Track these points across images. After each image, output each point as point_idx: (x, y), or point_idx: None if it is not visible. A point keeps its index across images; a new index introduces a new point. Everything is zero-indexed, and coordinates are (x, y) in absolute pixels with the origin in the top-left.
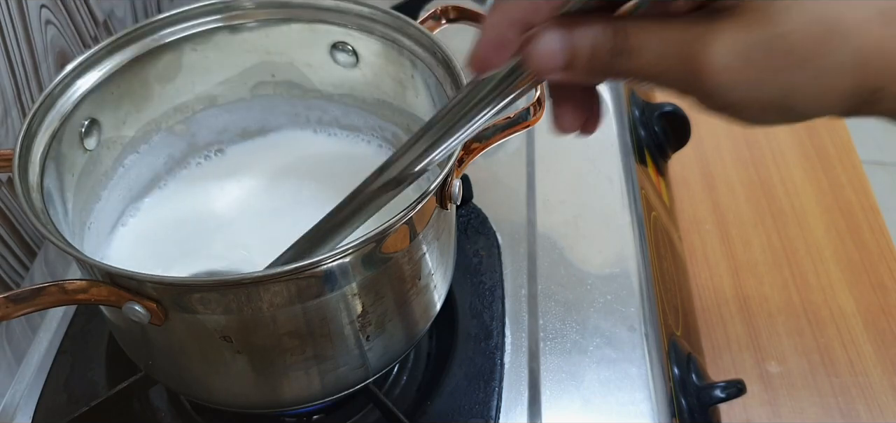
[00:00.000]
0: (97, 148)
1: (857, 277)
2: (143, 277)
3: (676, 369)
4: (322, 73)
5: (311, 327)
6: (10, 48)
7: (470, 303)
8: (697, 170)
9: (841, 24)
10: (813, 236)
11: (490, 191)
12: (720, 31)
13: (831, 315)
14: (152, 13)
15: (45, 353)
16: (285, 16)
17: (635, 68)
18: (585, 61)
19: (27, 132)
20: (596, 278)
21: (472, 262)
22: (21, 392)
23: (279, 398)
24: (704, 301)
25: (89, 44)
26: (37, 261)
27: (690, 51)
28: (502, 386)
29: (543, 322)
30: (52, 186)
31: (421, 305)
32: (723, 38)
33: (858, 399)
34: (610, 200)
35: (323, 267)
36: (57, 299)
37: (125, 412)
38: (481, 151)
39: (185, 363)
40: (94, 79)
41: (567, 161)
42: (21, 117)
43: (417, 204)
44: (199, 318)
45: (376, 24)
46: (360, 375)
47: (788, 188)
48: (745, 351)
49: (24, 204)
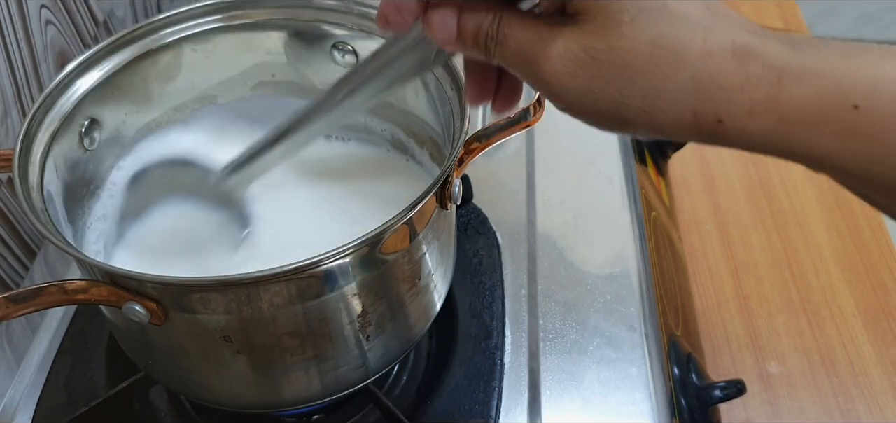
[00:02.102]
0: (97, 148)
1: (857, 277)
2: (143, 277)
3: (676, 369)
4: (322, 73)
5: (311, 327)
6: (10, 48)
7: (470, 303)
8: (697, 170)
9: (680, 51)
10: (813, 236)
11: (490, 191)
12: (560, 36)
13: (831, 315)
14: (152, 13)
15: (45, 353)
16: (285, 16)
17: (501, 56)
18: (471, 39)
19: (27, 132)
20: (596, 278)
21: (472, 262)
22: (21, 392)
23: (279, 398)
24: (704, 301)
25: (89, 44)
26: (37, 261)
27: (534, 50)
28: (502, 386)
29: (543, 322)
30: (52, 186)
31: (421, 305)
32: (560, 42)
33: (858, 399)
34: (610, 200)
35: (323, 267)
36: (57, 299)
37: (125, 412)
38: (481, 151)
39: (185, 363)
40: (94, 79)
41: (567, 161)
42: (21, 117)
43: (417, 204)
44: (199, 318)
45: (376, 24)
46: (360, 375)
47: (788, 188)
48: (745, 351)
49: (24, 204)
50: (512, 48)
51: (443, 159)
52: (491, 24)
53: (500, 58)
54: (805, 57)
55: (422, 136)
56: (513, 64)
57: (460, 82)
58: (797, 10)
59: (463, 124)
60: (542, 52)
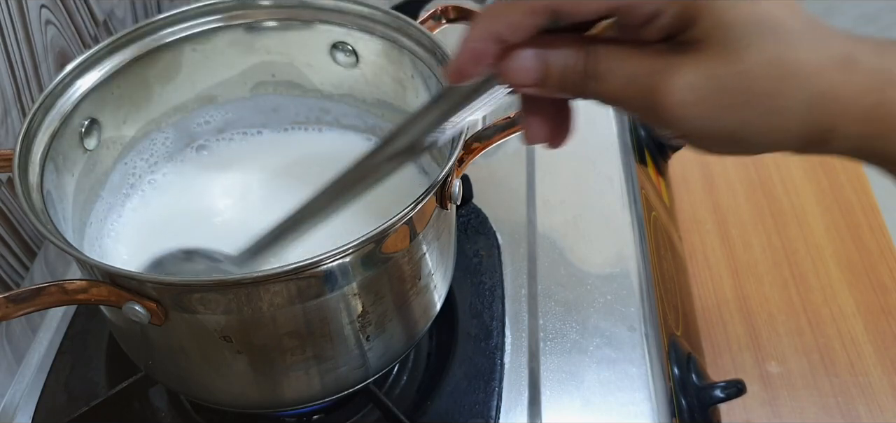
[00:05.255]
0: (97, 148)
1: (857, 277)
2: (143, 277)
3: (676, 369)
4: (322, 73)
5: (311, 327)
6: (10, 48)
7: (470, 303)
8: (697, 170)
9: (798, 68)
10: (813, 236)
11: (490, 191)
12: (681, 66)
13: (831, 315)
14: (152, 13)
15: (45, 353)
16: (285, 16)
17: (602, 92)
18: (557, 80)
19: (27, 132)
20: (596, 278)
21: (472, 262)
22: (21, 392)
23: (279, 397)
24: (704, 301)
25: (89, 44)
26: (37, 261)
27: (652, 83)
28: (502, 386)
29: (543, 322)
30: (52, 186)
31: (421, 305)
32: (683, 73)
33: (858, 399)
34: (610, 200)
35: (323, 267)
36: (57, 299)
37: (125, 412)
38: (481, 151)
39: (185, 363)
40: (94, 79)
41: (567, 161)
42: (21, 117)
43: (417, 204)
44: (199, 318)
45: (376, 24)
46: (360, 375)
47: (788, 188)
48: (745, 351)
49: (24, 204)
50: (617, 84)
51: (443, 159)
52: (585, 62)
53: (602, 95)
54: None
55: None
56: (618, 99)
57: None
58: None
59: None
60: (664, 84)
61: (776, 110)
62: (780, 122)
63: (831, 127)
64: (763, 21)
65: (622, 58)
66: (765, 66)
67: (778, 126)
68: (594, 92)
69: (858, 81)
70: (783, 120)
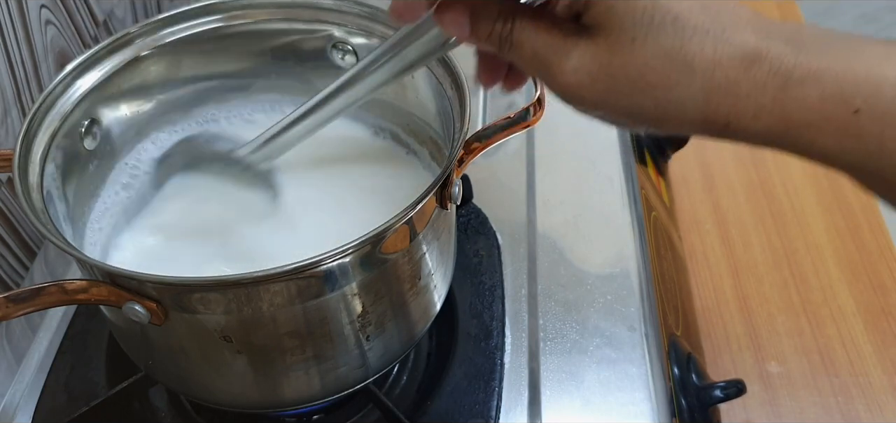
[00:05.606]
0: (97, 148)
1: (857, 277)
2: (143, 277)
3: (676, 369)
4: (322, 72)
5: (311, 328)
6: (10, 48)
7: (470, 303)
8: (697, 170)
9: (690, 62)
10: (813, 236)
11: (490, 191)
12: (575, 49)
13: (831, 315)
14: (152, 13)
15: (45, 353)
16: (285, 16)
17: (516, 60)
18: (484, 38)
19: (27, 132)
20: (596, 278)
21: (472, 262)
22: (21, 392)
23: (279, 397)
24: (704, 301)
25: (89, 44)
26: (37, 261)
27: (549, 60)
28: (502, 386)
29: (543, 322)
30: (52, 186)
31: (421, 305)
32: (573, 56)
33: (858, 399)
34: (610, 200)
35: (323, 267)
36: (57, 299)
37: (125, 412)
38: (481, 151)
39: (185, 363)
40: (94, 79)
41: (567, 161)
42: (21, 117)
43: (417, 204)
44: (199, 318)
45: (376, 24)
46: (360, 375)
47: (788, 188)
48: (745, 351)
49: (24, 204)
50: (527, 53)
51: (443, 159)
52: (503, 27)
53: (514, 59)
54: (809, 58)
55: (422, 135)
56: (527, 67)
57: (461, 82)
58: (797, 10)
59: (463, 125)
60: (558, 64)
61: (671, 100)
62: (675, 110)
63: (727, 119)
64: (661, 15)
65: (532, 30)
66: (659, 58)
67: (674, 113)
68: (509, 57)
69: (758, 77)
70: (679, 108)
